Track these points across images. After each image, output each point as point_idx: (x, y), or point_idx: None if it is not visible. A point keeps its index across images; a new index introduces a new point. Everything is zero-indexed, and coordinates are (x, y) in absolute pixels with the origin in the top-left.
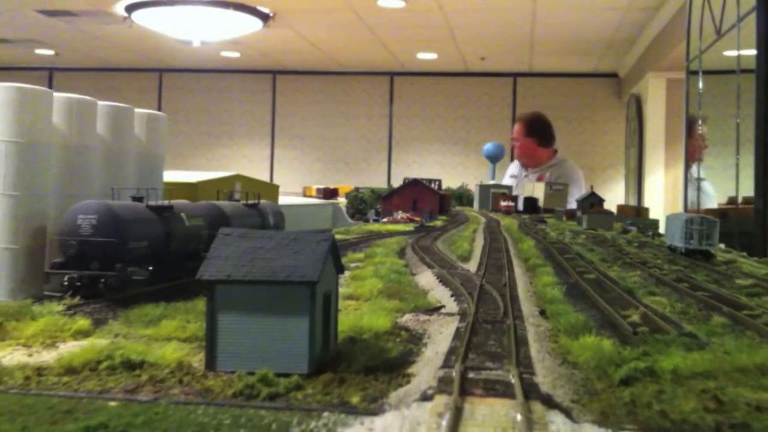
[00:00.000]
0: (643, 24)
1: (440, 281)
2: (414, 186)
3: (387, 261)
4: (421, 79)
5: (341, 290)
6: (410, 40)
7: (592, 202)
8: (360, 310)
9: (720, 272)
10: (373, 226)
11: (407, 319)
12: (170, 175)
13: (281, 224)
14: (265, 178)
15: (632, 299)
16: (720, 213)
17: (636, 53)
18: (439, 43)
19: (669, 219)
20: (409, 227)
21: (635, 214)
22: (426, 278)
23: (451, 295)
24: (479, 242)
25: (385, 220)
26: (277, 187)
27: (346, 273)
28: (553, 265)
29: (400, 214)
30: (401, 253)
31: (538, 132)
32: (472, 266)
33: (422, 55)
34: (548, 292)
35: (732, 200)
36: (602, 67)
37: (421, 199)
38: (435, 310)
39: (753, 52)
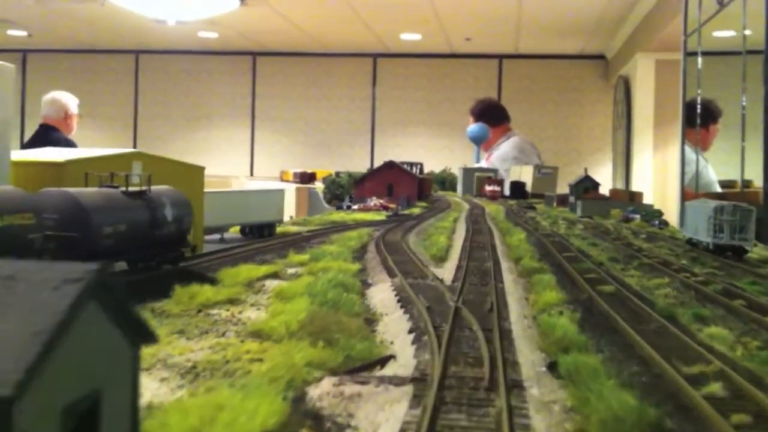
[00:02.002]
0: (632, 3)
1: (399, 301)
2: (390, 169)
3: (334, 266)
4: (404, 61)
5: (250, 317)
6: (394, 20)
7: (587, 186)
8: (260, 364)
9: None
10: (337, 215)
11: (324, 390)
12: (33, 153)
13: (186, 219)
14: (245, 162)
15: (682, 334)
16: (718, 198)
17: (624, 34)
18: (423, 23)
19: (690, 207)
20: (381, 216)
21: (629, 198)
22: (380, 295)
23: (410, 331)
24: (460, 235)
25: (355, 207)
26: (201, 169)
27: (272, 286)
28: (553, 268)
29: (374, 201)
30: (360, 252)
31: (484, 114)
32: (448, 271)
33: (406, 36)
34: (556, 323)
35: (726, 184)
36: (589, 48)
37: (398, 183)
38: (378, 364)
39: (747, 32)
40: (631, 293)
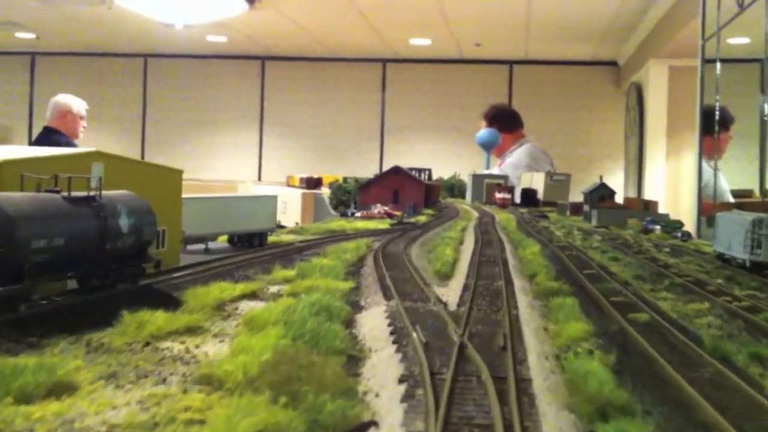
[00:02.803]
0: (644, 8)
1: (392, 333)
2: (395, 175)
3: (322, 285)
4: (414, 66)
5: (207, 352)
6: (403, 25)
7: (602, 194)
8: (198, 429)
9: None
10: (336, 224)
11: None
12: None
13: (148, 229)
14: (253, 167)
15: (745, 384)
16: (737, 207)
17: (636, 39)
18: (432, 28)
19: (722, 219)
20: (384, 224)
21: (644, 207)
22: (371, 323)
23: (401, 380)
24: (468, 246)
25: (358, 214)
26: (178, 173)
27: (243, 309)
28: (573, 288)
29: (378, 208)
30: (356, 267)
31: (497, 119)
32: (453, 291)
33: (415, 41)
34: (587, 369)
35: (741, 193)
36: (601, 54)
37: (404, 189)
38: None
39: (744, 40)
40: (669, 323)
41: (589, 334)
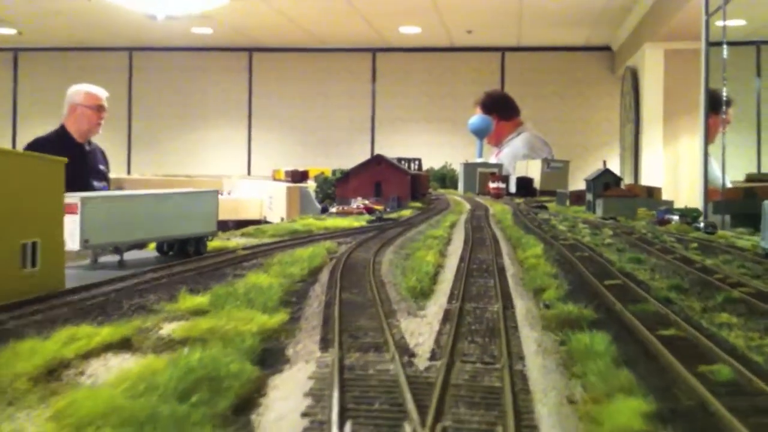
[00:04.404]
0: None
1: None
2: (377, 165)
3: (231, 324)
4: (404, 55)
5: None
6: (392, 13)
7: (607, 181)
8: None
9: None
10: (302, 223)
11: None
12: None
13: None
14: (242, 161)
15: None
16: (746, 191)
17: (631, 23)
18: (422, 15)
19: None
20: (361, 222)
21: (647, 194)
22: (280, 405)
23: None
24: (456, 247)
25: (333, 210)
26: (58, 164)
27: (93, 373)
28: (599, 313)
29: (357, 202)
30: (304, 284)
31: (495, 107)
32: (427, 325)
33: (405, 29)
34: None
35: (755, 177)
36: (595, 39)
37: (387, 181)
38: None
39: (740, 22)
40: (763, 380)
41: (651, 418)
